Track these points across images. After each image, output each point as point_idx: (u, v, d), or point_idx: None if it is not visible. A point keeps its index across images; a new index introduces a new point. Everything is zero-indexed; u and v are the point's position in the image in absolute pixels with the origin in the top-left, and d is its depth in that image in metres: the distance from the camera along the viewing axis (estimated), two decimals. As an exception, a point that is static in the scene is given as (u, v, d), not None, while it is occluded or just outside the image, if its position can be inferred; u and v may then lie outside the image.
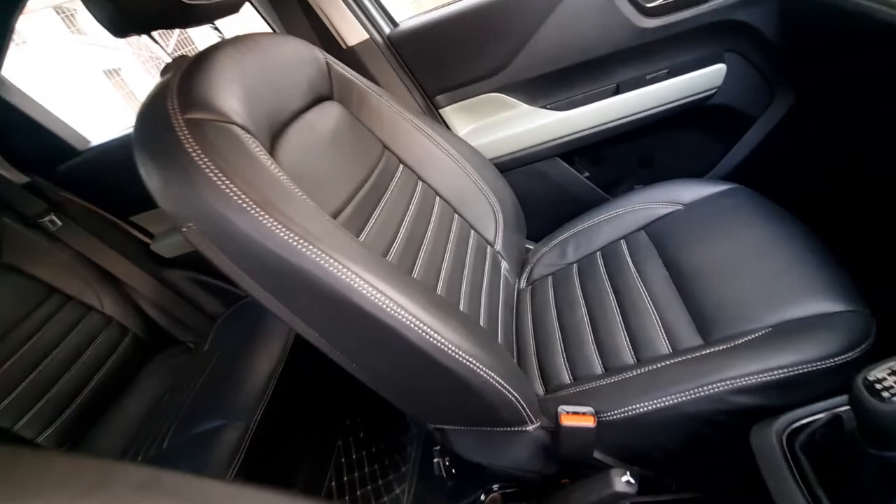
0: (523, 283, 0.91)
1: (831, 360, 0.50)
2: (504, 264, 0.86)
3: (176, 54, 0.59)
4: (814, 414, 0.47)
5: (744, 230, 0.72)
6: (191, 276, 1.22)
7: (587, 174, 1.12)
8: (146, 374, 1.11)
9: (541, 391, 0.68)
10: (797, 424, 0.47)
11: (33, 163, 1.05)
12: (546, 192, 1.09)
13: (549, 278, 0.87)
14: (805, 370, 0.50)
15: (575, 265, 0.86)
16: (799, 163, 0.98)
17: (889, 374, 0.34)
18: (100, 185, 1.11)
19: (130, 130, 1.11)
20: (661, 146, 1.09)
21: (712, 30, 0.92)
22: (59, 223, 1.04)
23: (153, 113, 0.47)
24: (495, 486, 0.77)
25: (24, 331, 0.94)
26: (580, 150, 1.06)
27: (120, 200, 1.13)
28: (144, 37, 0.55)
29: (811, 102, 0.92)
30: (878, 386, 0.34)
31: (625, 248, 0.82)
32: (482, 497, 0.76)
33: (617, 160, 1.12)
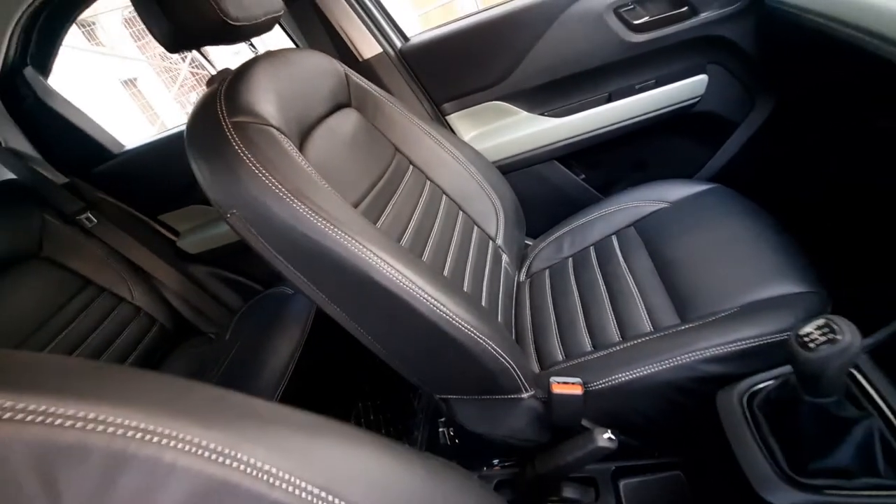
0: (523, 276, 0.98)
1: (787, 333, 0.57)
2: (504, 257, 0.93)
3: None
4: (769, 379, 0.54)
5: (721, 225, 0.79)
6: (213, 272, 1.31)
7: (582, 176, 1.19)
8: (171, 362, 1.18)
9: (536, 369, 0.75)
10: (756, 388, 0.54)
11: (72, 164, 1.14)
12: (544, 193, 1.17)
13: (547, 271, 0.94)
14: (764, 342, 0.57)
15: (570, 259, 0.93)
16: (777, 165, 1.05)
17: (815, 329, 0.41)
18: (132, 186, 1.20)
19: (159, 136, 1.21)
20: (651, 150, 1.17)
21: (695, 44, 1.00)
22: (95, 220, 1.13)
23: (204, 117, 0.55)
24: (495, 461, 0.83)
25: (62, 319, 1.02)
26: (576, 154, 1.13)
27: (150, 200, 1.23)
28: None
29: (788, 109, 1.00)
30: (807, 339, 0.41)
31: (615, 242, 0.89)
32: (484, 469, 0.83)
33: (610, 163, 1.20)
